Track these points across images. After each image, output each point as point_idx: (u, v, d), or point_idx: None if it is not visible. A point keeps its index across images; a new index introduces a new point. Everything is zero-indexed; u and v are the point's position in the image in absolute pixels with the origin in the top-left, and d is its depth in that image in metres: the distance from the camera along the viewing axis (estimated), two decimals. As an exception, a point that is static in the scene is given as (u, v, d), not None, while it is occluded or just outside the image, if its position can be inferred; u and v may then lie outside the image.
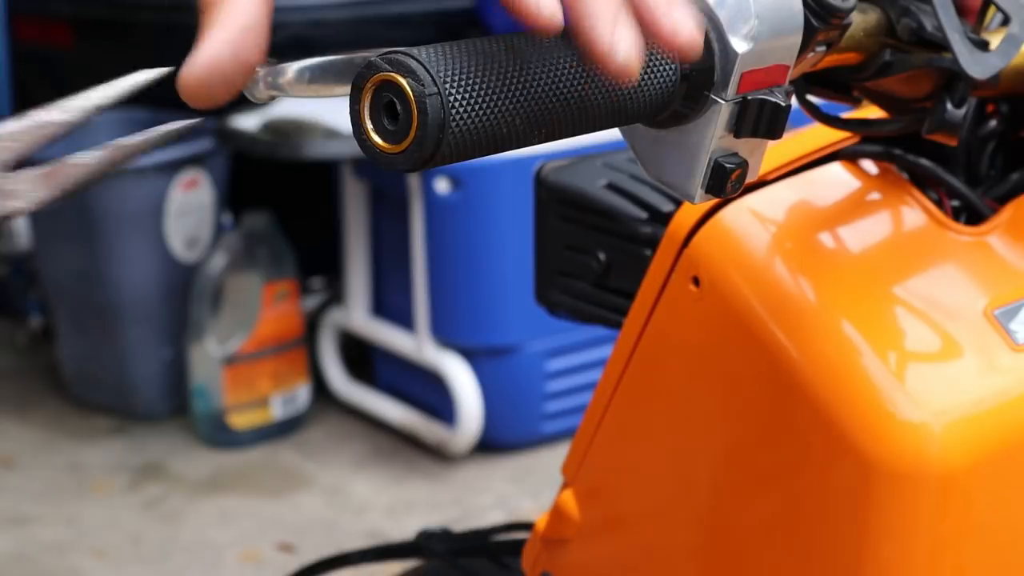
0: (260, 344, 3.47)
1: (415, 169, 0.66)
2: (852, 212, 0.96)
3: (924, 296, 0.93)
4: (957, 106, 0.84)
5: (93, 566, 3.09)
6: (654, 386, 0.99)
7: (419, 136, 0.65)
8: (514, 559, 1.24)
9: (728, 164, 0.73)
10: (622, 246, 1.12)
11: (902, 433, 0.86)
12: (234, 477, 3.40)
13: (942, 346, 0.91)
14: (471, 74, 0.65)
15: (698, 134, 0.73)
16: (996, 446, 0.88)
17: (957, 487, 0.87)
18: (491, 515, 3.19)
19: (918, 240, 0.95)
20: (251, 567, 3.08)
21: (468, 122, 0.65)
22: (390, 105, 0.66)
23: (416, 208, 3.28)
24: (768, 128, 0.73)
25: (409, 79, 0.65)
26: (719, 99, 0.72)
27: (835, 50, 0.81)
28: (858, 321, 0.89)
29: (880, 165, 0.97)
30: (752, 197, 0.94)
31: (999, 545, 0.90)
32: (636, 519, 1.03)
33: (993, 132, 0.98)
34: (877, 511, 0.87)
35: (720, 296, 0.92)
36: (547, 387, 3.38)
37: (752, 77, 0.72)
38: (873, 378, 0.87)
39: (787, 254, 0.93)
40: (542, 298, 1.20)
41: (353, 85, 0.67)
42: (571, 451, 1.05)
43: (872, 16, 0.84)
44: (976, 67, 0.82)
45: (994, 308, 0.92)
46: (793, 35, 0.74)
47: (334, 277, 3.75)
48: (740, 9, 0.72)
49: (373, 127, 0.66)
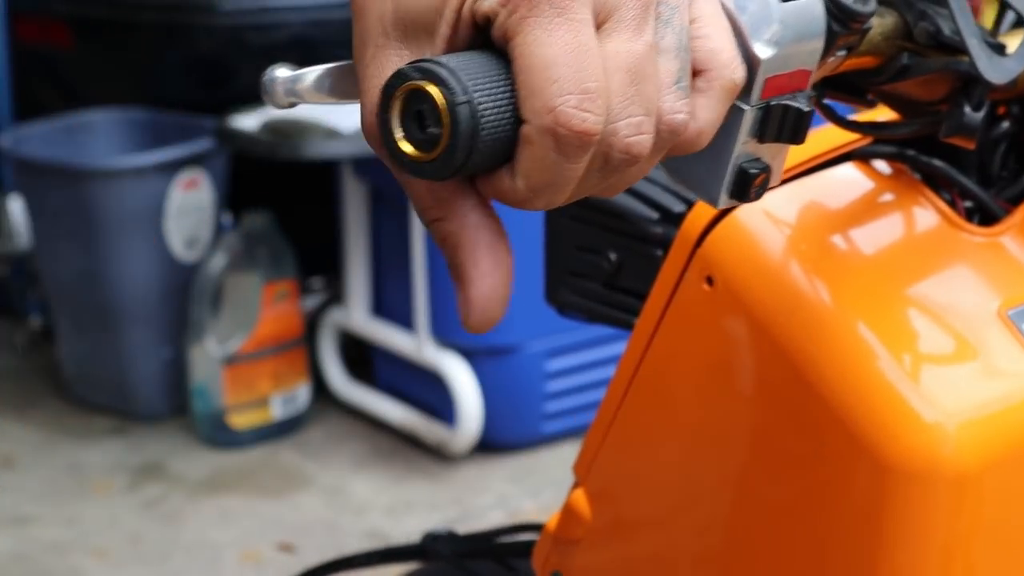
0: (260, 344, 3.48)
1: (446, 177, 0.66)
2: (865, 213, 0.97)
3: (938, 297, 0.93)
4: (975, 110, 0.84)
5: (93, 566, 3.09)
6: (667, 386, 0.99)
7: (451, 144, 0.65)
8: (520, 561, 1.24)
9: (752, 169, 0.74)
10: (633, 246, 1.12)
11: (916, 433, 0.87)
12: (234, 477, 3.40)
13: (956, 347, 0.92)
14: (501, 83, 0.66)
15: (722, 139, 0.73)
16: (1010, 446, 0.89)
17: (971, 487, 0.88)
18: (491, 515, 3.19)
19: (931, 241, 0.96)
20: (251, 567, 3.08)
21: (498, 132, 0.65)
22: (418, 113, 0.66)
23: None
24: (791, 133, 0.73)
25: (440, 87, 0.65)
26: (743, 105, 0.73)
27: (854, 54, 0.81)
28: (872, 322, 0.90)
29: (893, 166, 0.98)
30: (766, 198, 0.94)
31: (1012, 545, 0.90)
32: (648, 520, 1.03)
33: (1006, 133, 0.98)
34: (891, 511, 0.87)
35: (734, 296, 0.92)
36: (547, 387, 3.38)
37: (775, 82, 0.73)
38: (887, 378, 0.88)
39: (801, 254, 0.93)
40: (552, 298, 1.20)
41: (382, 93, 0.67)
42: (582, 450, 1.05)
43: (889, 20, 0.84)
44: (994, 71, 0.82)
45: (1008, 309, 0.92)
46: (815, 40, 0.74)
47: (334, 277, 3.75)
48: (763, 15, 0.72)
49: (404, 135, 0.67)
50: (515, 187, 0.67)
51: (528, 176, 0.67)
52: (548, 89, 0.65)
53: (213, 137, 3.48)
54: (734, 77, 0.70)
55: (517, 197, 0.68)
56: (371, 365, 3.63)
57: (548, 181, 0.67)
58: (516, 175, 0.67)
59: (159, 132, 3.69)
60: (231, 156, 3.61)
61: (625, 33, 0.66)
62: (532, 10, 0.65)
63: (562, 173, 0.66)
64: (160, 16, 3.70)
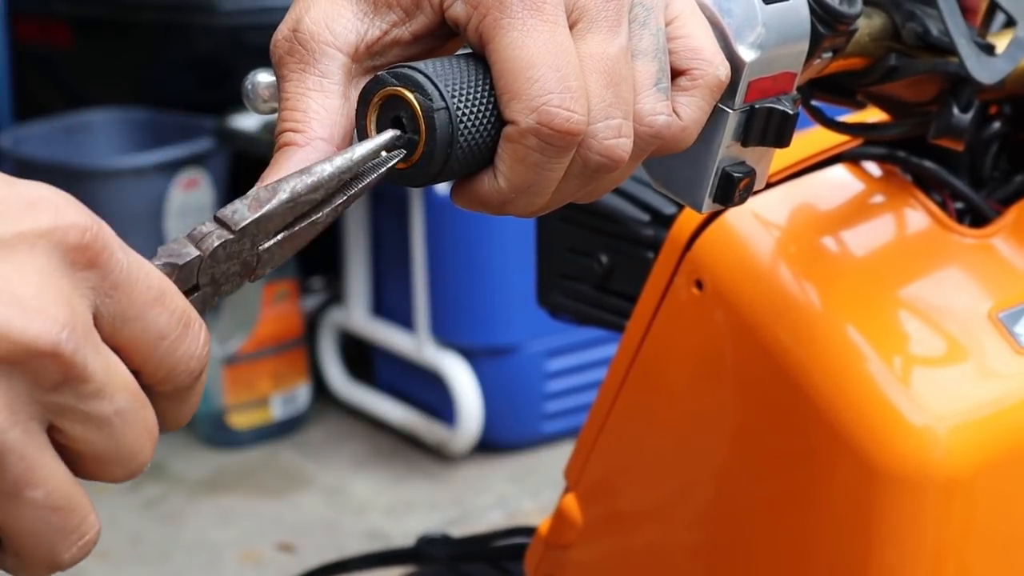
0: (260, 344, 3.47)
1: (422, 184, 0.65)
2: (856, 215, 0.96)
3: (928, 299, 0.92)
4: (963, 111, 0.83)
5: (93, 566, 3.09)
6: (657, 390, 0.99)
7: (427, 151, 0.65)
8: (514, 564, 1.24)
9: (736, 173, 0.73)
10: (624, 248, 1.12)
11: (906, 437, 0.86)
12: (234, 477, 3.40)
13: (946, 350, 0.91)
14: (479, 88, 0.65)
15: (705, 143, 0.72)
16: (1000, 450, 0.88)
17: (961, 491, 0.87)
18: (491, 515, 3.19)
19: (922, 243, 0.95)
20: (251, 567, 3.08)
21: (476, 137, 0.65)
22: (397, 120, 0.65)
23: (416, 208, 3.27)
24: (776, 136, 0.73)
25: (417, 94, 0.64)
26: (727, 108, 0.72)
27: (841, 56, 0.80)
28: (862, 325, 0.89)
29: (884, 167, 0.97)
30: (755, 200, 0.93)
31: (1003, 550, 0.90)
32: (639, 523, 1.02)
33: (997, 134, 0.98)
34: (881, 515, 0.87)
35: (723, 300, 0.92)
36: (547, 387, 3.38)
37: (759, 85, 0.72)
38: (877, 382, 0.87)
39: (791, 257, 0.92)
40: (544, 301, 1.19)
41: (359, 99, 0.66)
42: (573, 455, 1.05)
43: (877, 21, 0.84)
44: (983, 72, 0.82)
45: (998, 311, 0.91)
46: (800, 42, 0.73)
47: (334, 277, 3.75)
48: (747, 17, 0.71)
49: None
50: (496, 188, 0.67)
51: (509, 177, 0.66)
52: (529, 90, 0.64)
53: (213, 137, 3.48)
54: (718, 74, 0.69)
55: (498, 199, 0.67)
56: (371, 365, 3.62)
57: (530, 181, 0.66)
58: (497, 176, 0.66)
59: (159, 132, 3.69)
60: (231, 156, 3.60)
61: (599, 35, 0.66)
62: (505, 12, 0.65)
63: (543, 173, 0.66)
64: (160, 16, 3.69)
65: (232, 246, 0.60)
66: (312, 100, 0.66)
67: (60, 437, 0.55)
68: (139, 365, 0.57)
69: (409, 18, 0.67)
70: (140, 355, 0.57)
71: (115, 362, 0.56)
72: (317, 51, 0.67)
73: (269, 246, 0.61)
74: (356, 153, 0.63)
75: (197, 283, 0.60)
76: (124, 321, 0.56)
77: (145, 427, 0.57)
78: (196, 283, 0.60)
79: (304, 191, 0.61)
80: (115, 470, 0.57)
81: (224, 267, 0.60)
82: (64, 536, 0.56)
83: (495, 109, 0.65)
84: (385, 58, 0.68)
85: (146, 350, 0.57)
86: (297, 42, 0.67)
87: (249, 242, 0.61)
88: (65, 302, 0.54)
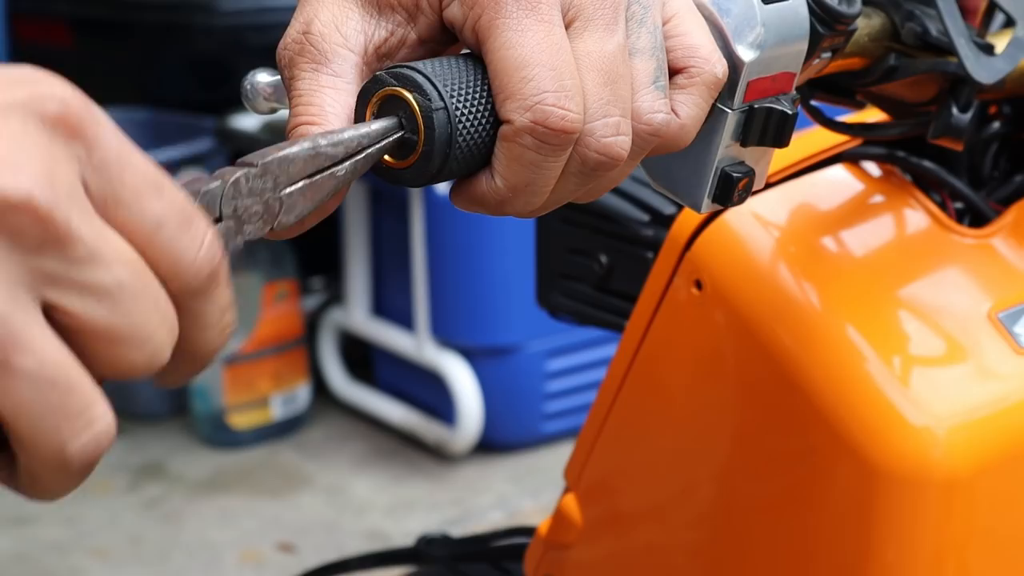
0: (260, 344, 3.47)
1: (421, 184, 0.66)
2: (855, 215, 0.96)
3: (928, 299, 0.92)
4: (962, 111, 0.83)
5: (93, 566, 3.09)
6: (656, 391, 0.99)
7: (426, 151, 0.65)
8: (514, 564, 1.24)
9: (735, 173, 0.73)
10: (624, 248, 1.12)
11: (906, 438, 0.86)
12: (234, 477, 3.40)
13: (946, 350, 0.91)
14: (478, 88, 0.65)
15: (704, 143, 0.72)
16: (1000, 450, 0.88)
17: (961, 492, 0.87)
18: (491, 515, 3.19)
19: (922, 243, 0.95)
20: (251, 567, 3.08)
21: (475, 136, 0.65)
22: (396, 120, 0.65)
23: (416, 208, 3.27)
24: (775, 136, 0.73)
25: (415, 94, 0.64)
26: (726, 108, 0.72)
27: (840, 56, 0.80)
28: (862, 325, 0.89)
29: (883, 167, 0.97)
30: (755, 200, 0.93)
31: (1003, 550, 0.90)
32: (639, 523, 1.02)
33: (996, 134, 0.98)
34: (881, 516, 0.87)
35: (723, 300, 0.92)
36: (547, 387, 3.38)
37: (758, 85, 0.72)
38: (877, 382, 0.87)
39: (790, 258, 0.92)
40: (543, 301, 1.19)
41: (358, 100, 0.66)
42: (573, 455, 1.05)
43: (876, 21, 0.84)
44: (982, 72, 0.82)
45: (998, 311, 0.91)
46: (799, 42, 0.73)
47: (334, 277, 3.75)
48: (746, 17, 0.71)
49: None
50: (494, 188, 0.67)
51: (506, 177, 0.66)
52: (524, 88, 0.64)
53: (213, 137, 3.48)
54: (715, 71, 0.70)
55: (496, 199, 0.67)
56: (371, 365, 3.62)
57: (527, 180, 0.66)
58: (494, 176, 0.67)
59: (159, 132, 3.69)
60: (231, 156, 3.60)
61: (596, 33, 0.66)
62: (499, 12, 0.65)
63: (540, 172, 0.66)
64: (160, 16, 3.69)
65: (255, 181, 0.59)
66: (327, 96, 0.66)
67: (60, 316, 0.52)
68: (139, 251, 0.53)
69: (412, 20, 0.68)
70: (138, 242, 0.53)
71: (111, 234, 0.52)
72: (329, 52, 0.67)
73: (292, 191, 0.61)
74: (372, 128, 0.64)
75: (220, 214, 0.58)
76: (117, 203, 0.52)
77: (155, 306, 0.53)
78: (219, 214, 0.58)
79: (326, 144, 0.62)
80: (127, 352, 0.53)
81: (247, 202, 0.59)
82: (67, 418, 0.51)
83: (494, 109, 0.65)
84: (393, 61, 0.68)
85: (143, 236, 0.53)
86: (309, 43, 0.67)
87: (271, 181, 0.60)
88: (41, 159, 0.50)
